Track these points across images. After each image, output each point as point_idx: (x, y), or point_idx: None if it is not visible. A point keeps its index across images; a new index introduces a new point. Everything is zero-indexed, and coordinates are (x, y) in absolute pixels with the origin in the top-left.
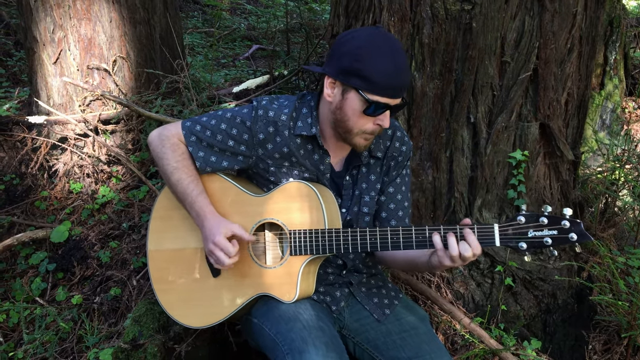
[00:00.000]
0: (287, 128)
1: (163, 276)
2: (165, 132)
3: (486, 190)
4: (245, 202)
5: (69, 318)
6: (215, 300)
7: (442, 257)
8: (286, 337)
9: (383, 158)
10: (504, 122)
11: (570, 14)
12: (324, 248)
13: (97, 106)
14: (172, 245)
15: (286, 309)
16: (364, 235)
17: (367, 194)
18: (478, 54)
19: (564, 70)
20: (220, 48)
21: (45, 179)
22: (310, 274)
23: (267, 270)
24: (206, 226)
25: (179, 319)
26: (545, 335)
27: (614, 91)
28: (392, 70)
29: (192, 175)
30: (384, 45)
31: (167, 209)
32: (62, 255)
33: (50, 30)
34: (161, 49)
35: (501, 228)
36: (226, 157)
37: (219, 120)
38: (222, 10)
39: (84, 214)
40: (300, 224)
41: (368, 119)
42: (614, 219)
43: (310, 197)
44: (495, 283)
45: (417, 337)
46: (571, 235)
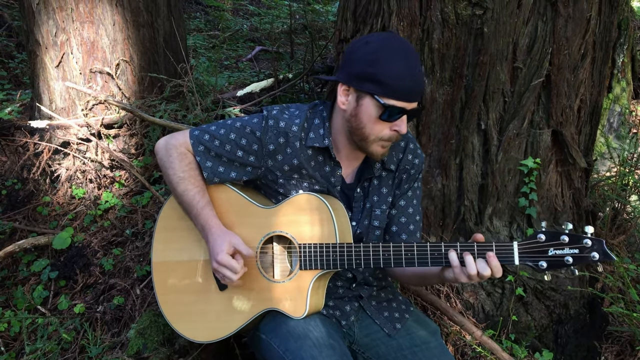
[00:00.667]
0: (299, 139)
1: (168, 288)
2: (173, 140)
3: (497, 199)
4: (254, 213)
5: (71, 328)
6: (221, 314)
7: (458, 274)
8: (296, 356)
9: (395, 170)
10: (516, 129)
11: (584, 19)
12: (335, 263)
13: (99, 110)
14: (178, 257)
15: (295, 325)
16: (377, 251)
17: (379, 207)
18: (489, 59)
19: (577, 77)
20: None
21: (47, 184)
22: (320, 289)
23: (276, 284)
24: (210, 240)
25: (184, 333)
26: (557, 346)
27: (622, 94)
28: (407, 73)
29: (199, 186)
30: (398, 49)
31: (173, 219)
32: (64, 262)
33: (53, 33)
34: (165, 52)
35: (521, 246)
36: (235, 168)
37: (228, 130)
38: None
39: (86, 220)
40: (310, 238)
41: (384, 125)
42: (624, 226)
43: (320, 210)
44: (505, 293)
45: (428, 352)
46: (593, 255)
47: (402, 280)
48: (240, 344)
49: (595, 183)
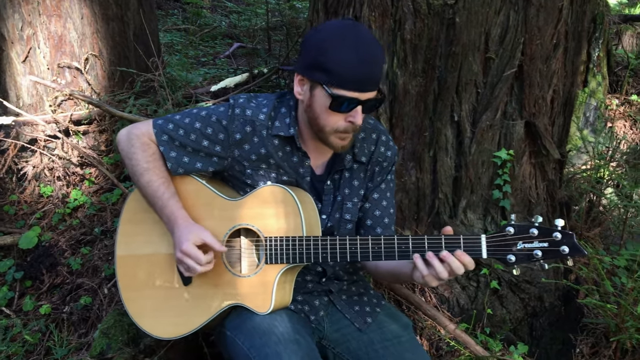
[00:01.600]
0: (265, 128)
1: (132, 283)
2: (135, 130)
3: (471, 191)
4: (220, 206)
5: (36, 329)
6: (185, 310)
7: (427, 276)
8: (260, 352)
9: (367, 163)
10: (489, 121)
11: (556, 8)
12: (302, 257)
13: (69, 106)
14: (142, 251)
15: (260, 321)
16: (344, 244)
17: (350, 200)
18: (462, 50)
19: (549, 67)
20: (200, 46)
21: (14, 182)
22: (287, 283)
23: (241, 279)
24: (176, 232)
25: (147, 330)
26: (532, 339)
27: (597, 88)
28: (355, 61)
29: (164, 177)
30: (349, 36)
31: (137, 212)
32: (30, 262)
33: (19, 27)
34: (135, 46)
35: (489, 239)
36: (200, 158)
37: (193, 119)
38: (202, 8)
39: (54, 219)
40: (276, 231)
41: (339, 116)
42: (599, 218)
43: (287, 202)
44: (480, 286)
45: (399, 346)
46: (563, 248)
47: (376, 276)
48: (208, 342)
49: (571, 176)
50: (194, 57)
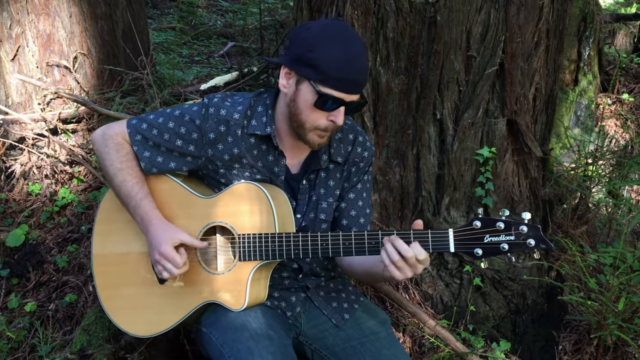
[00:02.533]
0: (240, 127)
1: (108, 281)
2: (109, 130)
3: (454, 189)
4: (193, 204)
5: (20, 326)
6: (161, 308)
7: (388, 266)
8: (232, 348)
9: (344, 164)
10: (471, 119)
11: (537, 6)
12: (274, 253)
13: (57, 105)
14: (117, 250)
15: (234, 318)
16: (315, 240)
17: (325, 200)
18: (443, 48)
19: (531, 65)
20: (194, 45)
21: (2, 180)
22: (262, 280)
23: (215, 276)
24: (151, 232)
25: (124, 327)
26: (515, 336)
27: (588, 87)
28: (344, 62)
29: (137, 177)
30: (338, 35)
31: (111, 211)
32: (17, 260)
33: (7, 25)
34: (124, 45)
35: (456, 233)
36: (174, 158)
37: (167, 118)
38: (197, 7)
39: (42, 217)
40: (250, 228)
41: (321, 114)
42: (586, 216)
43: (260, 200)
44: (464, 283)
45: (377, 342)
46: (529, 241)
47: (352, 275)
48: (190, 340)
49: (559, 175)
50: (188, 56)
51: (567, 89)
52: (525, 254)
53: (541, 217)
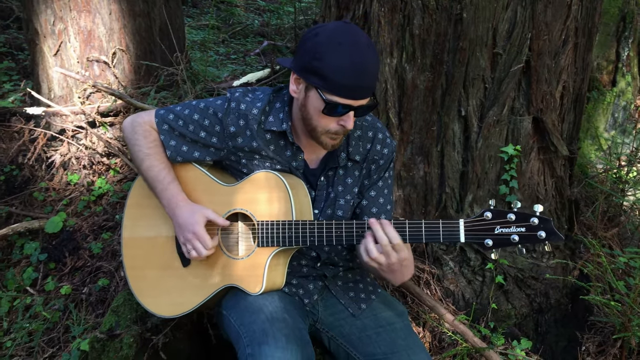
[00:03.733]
0: (257, 122)
1: (136, 264)
2: (139, 119)
3: (477, 186)
4: (216, 191)
5: (55, 308)
6: (184, 290)
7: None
8: (248, 329)
9: (363, 161)
10: (496, 116)
11: (565, 4)
12: (291, 240)
13: (96, 98)
14: (145, 233)
15: (253, 301)
16: (330, 228)
17: (343, 197)
18: (469, 45)
19: (558, 63)
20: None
21: (43, 170)
22: (280, 266)
23: (235, 261)
24: (178, 214)
25: (149, 307)
26: (537, 335)
27: (627, 89)
28: (349, 70)
29: (164, 162)
30: (344, 43)
31: (141, 197)
32: (54, 246)
33: (51, 22)
34: (161, 42)
35: (467, 224)
36: (198, 148)
37: (192, 110)
38: (236, 7)
39: (80, 206)
40: (268, 215)
41: (331, 119)
42: (618, 219)
43: (278, 188)
44: (486, 281)
45: (392, 333)
46: (540, 234)
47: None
48: (213, 325)
49: (591, 176)
50: (225, 54)
51: (604, 90)
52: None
53: (567, 217)
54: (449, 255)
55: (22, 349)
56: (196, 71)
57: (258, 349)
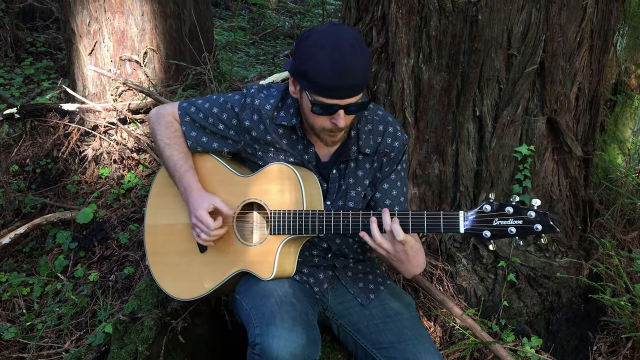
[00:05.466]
0: (269, 117)
1: (157, 250)
2: (162, 110)
3: (491, 185)
4: (233, 182)
5: (84, 294)
6: (200, 275)
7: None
8: (258, 311)
9: (373, 154)
10: (510, 116)
11: (580, 7)
12: (301, 228)
13: (128, 96)
14: (166, 221)
15: (264, 286)
16: (338, 217)
17: (354, 189)
18: (484, 46)
19: (572, 64)
20: (262, 45)
21: (76, 163)
22: (291, 254)
23: (249, 248)
24: (190, 201)
25: (167, 290)
26: (548, 334)
27: None
28: (329, 71)
29: (183, 152)
30: (328, 45)
31: (164, 186)
32: (85, 235)
33: (87, 22)
34: (190, 42)
35: (466, 215)
36: (216, 139)
37: (212, 104)
38: (267, 9)
39: (110, 198)
40: (280, 205)
41: (323, 118)
42: (638, 222)
43: (290, 179)
44: (498, 279)
45: (399, 323)
46: (536, 226)
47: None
48: (229, 312)
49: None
50: (255, 55)
51: (632, 94)
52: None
53: (581, 218)
54: (462, 253)
55: (52, 331)
56: (223, 71)
57: (266, 329)
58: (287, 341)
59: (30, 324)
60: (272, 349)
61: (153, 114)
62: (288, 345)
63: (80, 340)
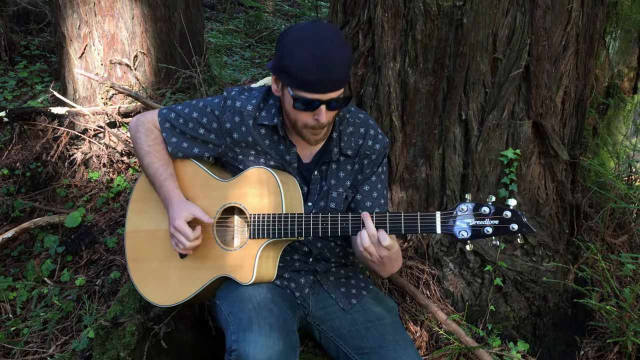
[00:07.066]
0: (252, 118)
1: (137, 255)
2: (142, 118)
3: (477, 189)
4: (213, 186)
5: (70, 298)
6: (180, 280)
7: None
8: (236, 317)
9: (355, 156)
10: (495, 120)
11: (565, 10)
12: (280, 231)
13: (118, 99)
14: (147, 226)
15: (243, 291)
16: (317, 220)
17: (335, 190)
18: (469, 50)
19: (558, 68)
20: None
21: (66, 167)
22: (271, 259)
23: (229, 252)
24: (170, 210)
25: (147, 296)
26: (535, 338)
27: None
28: (310, 64)
29: (163, 159)
30: (308, 39)
31: (145, 192)
32: (73, 240)
33: (77, 26)
34: (181, 45)
35: (443, 216)
36: (197, 145)
37: (192, 109)
38: (264, 12)
39: (99, 202)
40: (260, 208)
41: (306, 114)
42: (628, 226)
43: (269, 183)
44: (485, 283)
45: (381, 328)
46: (512, 226)
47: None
48: (212, 317)
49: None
50: (250, 58)
51: (624, 97)
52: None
53: (569, 222)
54: (449, 257)
55: (37, 336)
56: (214, 74)
57: (243, 335)
58: (264, 347)
59: (16, 329)
60: (248, 355)
61: (133, 123)
62: (264, 352)
63: (65, 345)
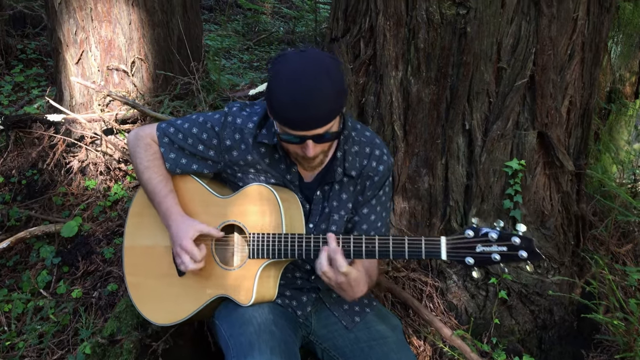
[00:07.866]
0: (252, 136)
1: (135, 271)
2: (141, 132)
3: (481, 200)
4: (212, 203)
5: (66, 311)
6: (179, 298)
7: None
8: (237, 340)
9: (357, 177)
10: (500, 130)
11: (571, 19)
12: (280, 252)
13: (115, 106)
14: (145, 242)
15: (243, 312)
16: (317, 242)
17: (337, 212)
18: (473, 59)
19: (563, 78)
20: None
21: (62, 175)
22: (271, 278)
23: (228, 272)
24: (172, 226)
25: (145, 314)
26: (540, 352)
27: None
28: (289, 104)
29: (162, 175)
30: (289, 77)
31: (143, 206)
32: (69, 250)
33: (73, 31)
34: (179, 51)
35: (449, 241)
36: (196, 161)
37: (192, 124)
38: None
39: (96, 211)
40: (260, 227)
41: (296, 146)
42: (632, 235)
43: (270, 201)
44: (489, 296)
45: (385, 346)
46: (521, 253)
47: None
48: (212, 333)
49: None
50: (248, 61)
51: (626, 102)
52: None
53: (574, 233)
54: (453, 269)
55: (33, 350)
56: (212, 80)
57: None
58: None
59: (11, 343)
60: None
61: (131, 136)
62: None
63: (61, 359)
